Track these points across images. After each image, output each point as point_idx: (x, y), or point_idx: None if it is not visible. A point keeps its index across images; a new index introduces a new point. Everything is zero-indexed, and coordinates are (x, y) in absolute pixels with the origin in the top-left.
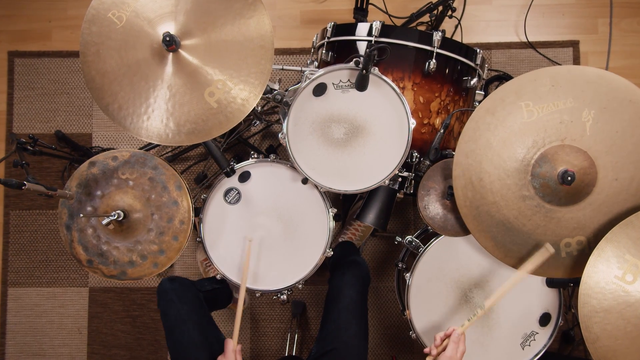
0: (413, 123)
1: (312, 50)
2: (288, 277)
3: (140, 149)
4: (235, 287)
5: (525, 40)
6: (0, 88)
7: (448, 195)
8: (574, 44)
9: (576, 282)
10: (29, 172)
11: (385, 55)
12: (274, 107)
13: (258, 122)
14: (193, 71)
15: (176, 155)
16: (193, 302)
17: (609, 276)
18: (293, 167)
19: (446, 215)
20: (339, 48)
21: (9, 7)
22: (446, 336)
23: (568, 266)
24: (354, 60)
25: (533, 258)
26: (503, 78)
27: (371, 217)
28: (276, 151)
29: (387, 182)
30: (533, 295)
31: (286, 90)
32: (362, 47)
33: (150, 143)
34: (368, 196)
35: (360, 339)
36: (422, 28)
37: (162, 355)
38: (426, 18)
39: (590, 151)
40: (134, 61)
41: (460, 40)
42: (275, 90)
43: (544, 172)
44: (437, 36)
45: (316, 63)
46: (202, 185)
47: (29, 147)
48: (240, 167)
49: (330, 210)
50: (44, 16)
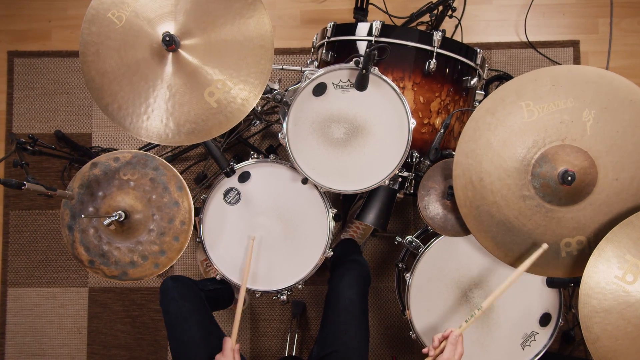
0: (413, 123)
1: (312, 50)
2: (288, 278)
3: (140, 149)
4: (236, 288)
5: (525, 40)
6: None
7: (448, 195)
8: (574, 44)
9: (576, 282)
10: (29, 172)
11: (385, 55)
12: (274, 107)
13: (258, 122)
14: (193, 71)
15: (176, 155)
16: (195, 301)
17: (610, 276)
18: (293, 167)
19: (446, 215)
20: (339, 48)
21: (9, 7)
22: (444, 338)
23: (568, 266)
24: (354, 60)
25: (529, 258)
26: (503, 78)
27: (371, 217)
28: (276, 151)
29: (387, 182)
30: (533, 295)
31: (286, 90)
32: (362, 47)
33: (150, 143)
34: (368, 196)
35: (360, 341)
36: (422, 28)
37: (162, 355)
38: (426, 18)
39: (590, 151)
40: (134, 61)
41: (460, 40)
42: (275, 90)
43: (545, 172)
44: (437, 36)
45: (316, 63)
46: (202, 185)
47: (29, 147)
48: (240, 167)
49: (330, 210)
50: (44, 16)
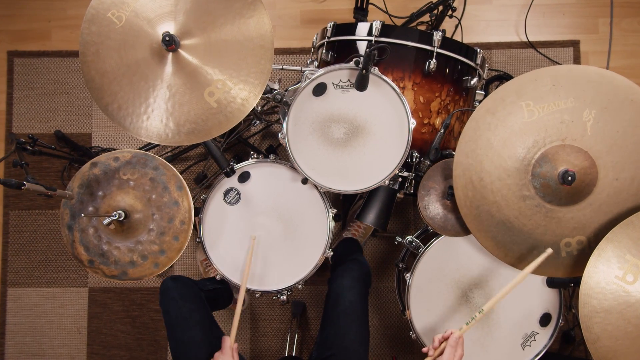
0: (413, 123)
1: (312, 50)
2: (288, 278)
3: (139, 149)
4: (235, 288)
5: (525, 40)
6: None
7: (448, 195)
8: (575, 44)
9: (577, 282)
10: (29, 172)
11: (385, 55)
12: (274, 107)
13: (258, 122)
14: (193, 71)
15: (176, 155)
16: (195, 301)
17: (610, 276)
18: (293, 167)
19: (446, 215)
20: (339, 48)
21: (9, 7)
22: (444, 338)
23: (568, 266)
24: (354, 60)
25: (533, 262)
26: (503, 78)
27: (371, 217)
28: (276, 151)
29: (387, 182)
30: (533, 295)
31: (286, 90)
32: (362, 47)
33: (149, 143)
34: (368, 196)
35: (360, 343)
36: (423, 28)
37: (162, 355)
38: (426, 18)
39: (591, 151)
40: (134, 61)
41: (460, 40)
42: (275, 90)
43: (545, 172)
44: (438, 36)
45: (316, 63)
46: (202, 185)
47: (29, 147)
48: (240, 167)
49: (330, 210)
50: (44, 16)
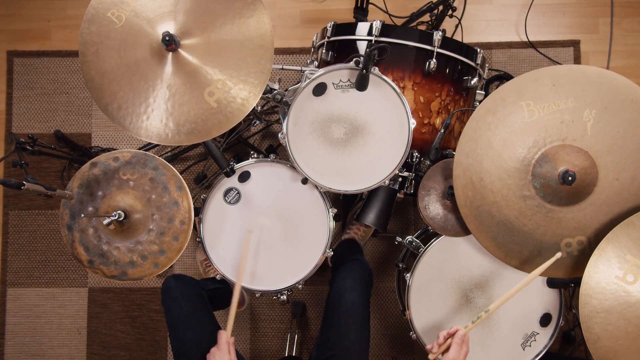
0: (413, 123)
1: (312, 49)
2: (288, 278)
3: (139, 149)
4: None
5: (525, 39)
6: None
7: (448, 195)
8: (575, 44)
9: (577, 283)
10: (28, 172)
11: (385, 54)
12: (274, 107)
13: (258, 122)
14: (192, 71)
15: (176, 155)
16: (196, 300)
17: (610, 276)
18: (293, 167)
19: (446, 215)
20: (339, 48)
21: (8, 7)
22: (449, 335)
23: (569, 266)
24: (354, 59)
25: (542, 265)
26: (504, 78)
27: (371, 217)
28: (276, 151)
29: (388, 182)
30: (534, 295)
31: (286, 89)
32: (362, 47)
33: (149, 143)
34: (368, 196)
35: (360, 345)
36: (423, 27)
37: (162, 355)
38: (426, 17)
39: (591, 151)
40: (134, 61)
41: (460, 39)
42: (275, 89)
43: (545, 172)
44: (438, 36)
45: (316, 63)
46: (202, 185)
47: (28, 147)
48: (240, 167)
49: (330, 210)
50: (43, 16)
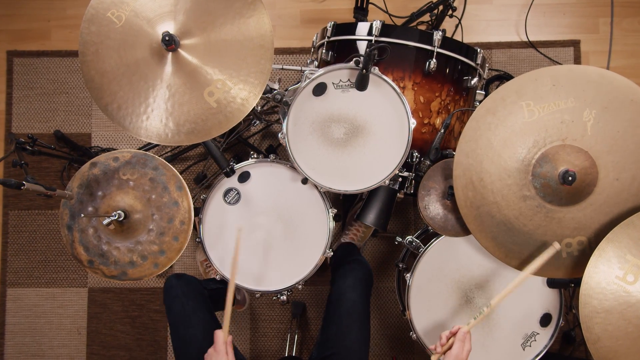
0: (413, 123)
1: (312, 49)
2: (288, 278)
3: (139, 149)
4: (237, 289)
5: (526, 39)
6: None
7: (448, 195)
8: (575, 44)
9: (577, 283)
10: (28, 172)
11: (385, 54)
12: (274, 107)
13: (258, 122)
14: (192, 71)
15: (175, 155)
16: (198, 299)
17: (610, 276)
18: (293, 167)
19: (447, 215)
20: (339, 47)
21: (8, 7)
22: (452, 334)
23: (569, 266)
24: (354, 59)
25: (540, 257)
26: (504, 78)
27: (371, 217)
28: (276, 151)
29: (388, 182)
30: (534, 295)
31: (286, 89)
32: (362, 47)
33: (149, 143)
34: (368, 196)
35: (361, 344)
36: (423, 27)
37: (162, 355)
38: (426, 17)
39: (591, 151)
40: (133, 61)
41: (460, 39)
42: (275, 89)
43: (545, 172)
44: (438, 36)
45: (316, 62)
46: (202, 185)
47: (28, 147)
48: (239, 167)
49: (330, 210)
50: (43, 16)
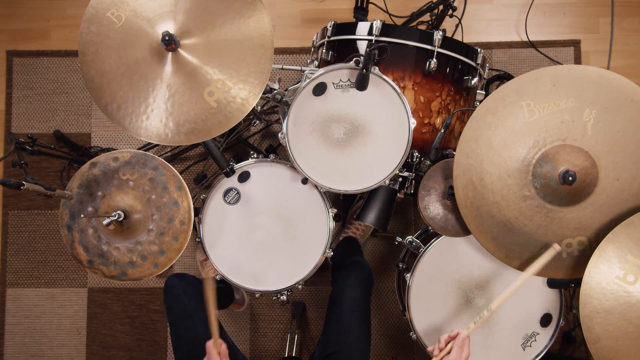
0: (413, 123)
1: (312, 49)
2: (288, 278)
3: (139, 149)
4: (235, 288)
5: (526, 39)
6: None
7: (449, 195)
8: (575, 44)
9: (577, 283)
10: (28, 172)
11: (385, 54)
12: (274, 107)
13: (258, 122)
14: (192, 71)
15: (175, 155)
16: (199, 299)
17: (611, 277)
18: (293, 167)
19: (447, 215)
20: (339, 47)
21: (8, 7)
22: (450, 339)
23: (569, 266)
24: (354, 59)
25: (539, 259)
26: (504, 77)
27: (371, 217)
28: (276, 151)
29: (388, 182)
30: (534, 295)
31: (286, 89)
32: (363, 47)
33: (149, 143)
34: (368, 196)
35: (362, 342)
36: (423, 27)
37: (161, 356)
38: (427, 17)
39: (591, 151)
40: (133, 61)
41: (461, 39)
42: (275, 89)
43: (545, 172)
44: (438, 35)
45: (316, 62)
46: (202, 185)
47: (28, 147)
48: (239, 167)
49: (330, 210)
50: (43, 15)
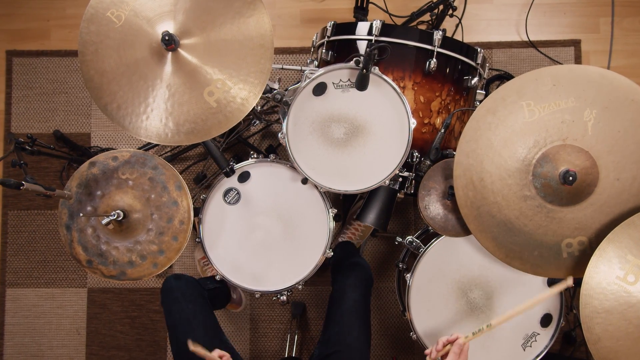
0: (413, 123)
1: (312, 49)
2: (288, 278)
3: (139, 149)
4: (233, 288)
5: (526, 39)
6: None
7: (449, 195)
8: (576, 43)
9: (578, 283)
10: (27, 172)
11: (385, 54)
12: (274, 107)
13: (258, 122)
14: (192, 70)
15: (175, 155)
16: (198, 301)
17: (611, 277)
18: (293, 167)
19: (447, 215)
20: (339, 47)
21: (7, 6)
22: (449, 342)
23: (569, 267)
24: (354, 59)
25: (552, 289)
26: (504, 77)
27: (371, 218)
28: (276, 151)
29: (388, 182)
30: (534, 295)
31: (286, 89)
32: (363, 47)
33: (149, 143)
34: (368, 196)
35: (362, 342)
36: (423, 27)
37: (161, 356)
38: (427, 17)
39: (591, 151)
40: (133, 60)
41: (461, 39)
42: (274, 89)
43: (546, 172)
44: (438, 35)
45: (316, 62)
46: (202, 185)
47: (27, 147)
48: (239, 167)
49: (330, 210)
50: (43, 15)
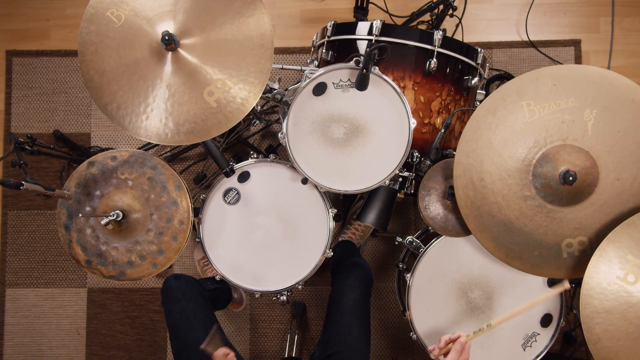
0: (414, 123)
1: (312, 49)
2: (288, 278)
3: (139, 149)
4: (234, 288)
5: (526, 39)
6: None
7: (449, 195)
8: (576, 43)
9: (578, 283)
10: (27, 172)
11: (385, 54)
12: (274, 107)
13: (257, 122)
14: (192, 70)
15: (175, 155)
16: (199, 301)
17: (611, 277)
18: (293, 167)
19: (447, 215)
20: (339, 47)
21: (7, 6)
22: (451, 340)
23: (570, 267)
24: (354, 59)
25: (550, 291)
26: (504, 77)
27: (371, 218)
28: (276, 151)
29: (388, 182)
30: (534, 295)
31: (286, 89)
32: (363, 46)
33: (149, 143)
34: (368, 196)
35: (362, 342)
36: (423, 27)
37: (161, 356)
38: (427, 17)
39: (592, 151)
40: (133, 60)
41: (461, 39)
42: (274, 89)
43: (546, 172)
44: (438, 35)
45: (316, 62)
46: (202, 185)
47: (27, 147)
48: (239, 167)
49: (330, 210)
50: (42, 15)
